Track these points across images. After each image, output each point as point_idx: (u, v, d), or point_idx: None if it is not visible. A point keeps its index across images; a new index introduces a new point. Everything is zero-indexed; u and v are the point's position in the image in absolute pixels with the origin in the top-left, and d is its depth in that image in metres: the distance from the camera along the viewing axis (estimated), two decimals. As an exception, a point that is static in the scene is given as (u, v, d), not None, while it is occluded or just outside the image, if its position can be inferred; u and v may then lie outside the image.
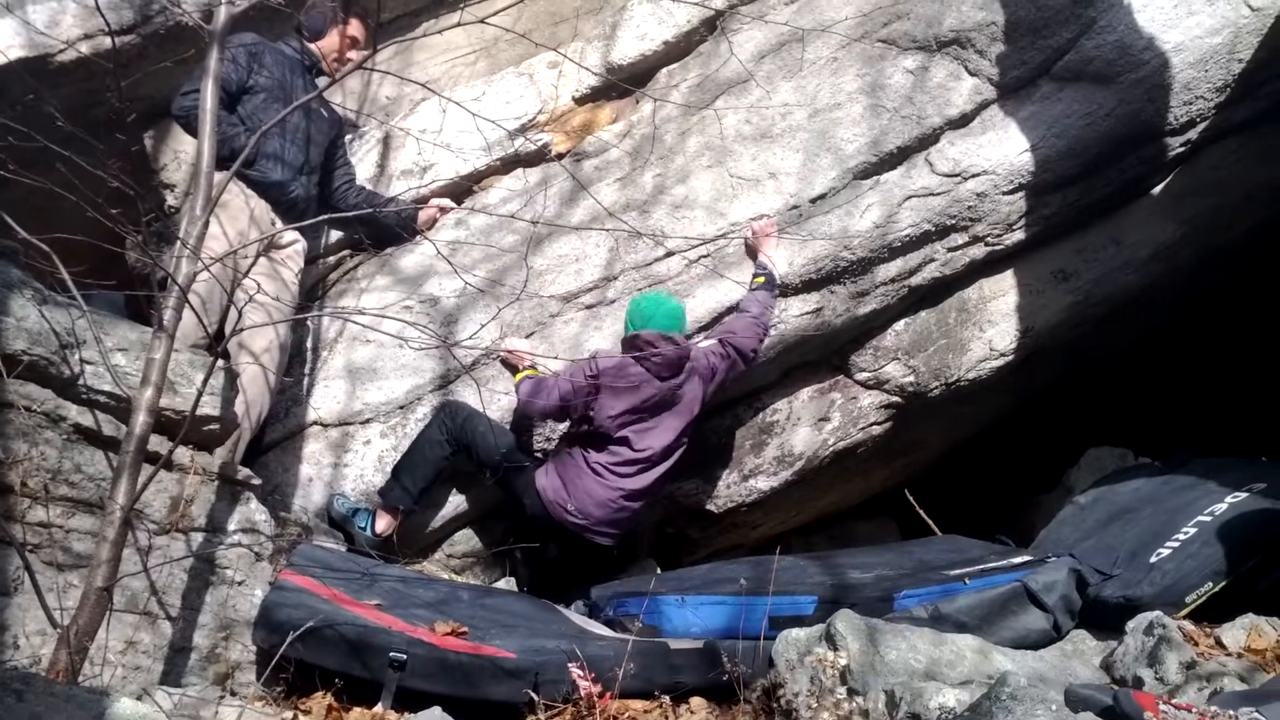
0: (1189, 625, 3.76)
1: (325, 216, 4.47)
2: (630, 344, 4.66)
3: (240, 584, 3.55)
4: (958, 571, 4.15)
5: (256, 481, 3.77)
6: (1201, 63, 5.03)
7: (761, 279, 4.87)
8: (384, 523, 4.55)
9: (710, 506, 5.24)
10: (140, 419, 2.97)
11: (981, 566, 4.19)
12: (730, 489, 5.24)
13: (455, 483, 4.80)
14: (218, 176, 3.43)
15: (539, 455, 4.84)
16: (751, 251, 4.98)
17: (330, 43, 4.91)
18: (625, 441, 4.63)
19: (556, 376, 4.61)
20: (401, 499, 4.53)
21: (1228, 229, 5.54)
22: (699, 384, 4.71)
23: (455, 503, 4.84)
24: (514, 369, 4.77)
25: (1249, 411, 6.13)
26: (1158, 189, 5.37)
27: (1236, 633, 3.68)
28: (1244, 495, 4.21)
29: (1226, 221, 5.51)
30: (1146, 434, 5.85)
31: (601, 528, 4.64)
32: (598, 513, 4.60)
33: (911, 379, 5.28)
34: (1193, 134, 5.22)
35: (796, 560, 4.55)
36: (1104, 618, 3.92)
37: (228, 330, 3.88)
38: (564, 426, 4.83)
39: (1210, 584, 3.90)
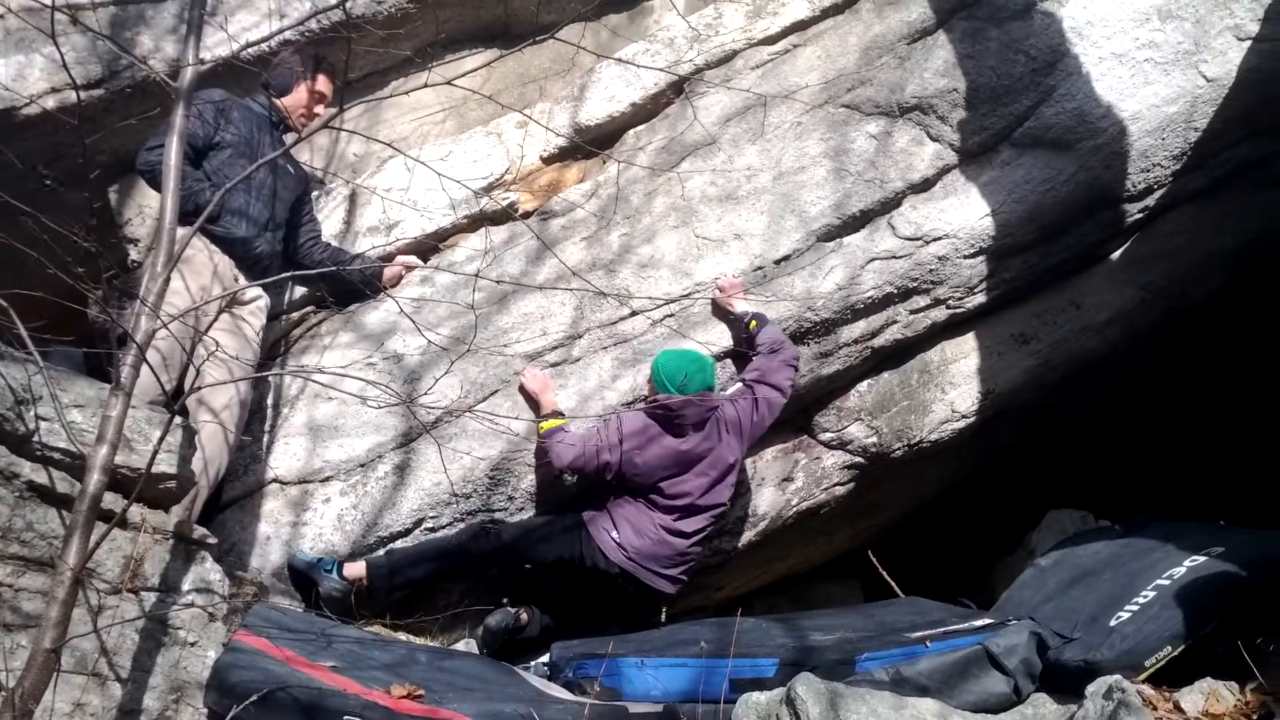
0: (1148, 689, 3.76)
1: (289, 274, 4.46)
2: (654, 407, 4.70)
3: (193, 645, 3.49)
4: (919, 634, 4.13)
5: (212, 540, 3.72)
6: (1158, 131, 5.14)
7: (754, 322, 4.89)
8: (353, 570, 4.50)
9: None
10: (94, 477, 2.93)
11: (943, 629, 4.17)
12: (694, 550, 5.21)
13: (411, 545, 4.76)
14: (181, 232, 3.42)
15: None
16: (719, 311, 5.01)
17: (297, 99, 4.93)
18: (660, 491, 4.67)
19: (593, 433, 4.65)
20: (381, 582, 4.50)
21: (1184, 294, 5.63)
22: (729, 435, 4.72)
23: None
24: (533, 401, 4.79)
25: (1209, 475, 6.18)
26: (1116, 254, 5.46)
27: (1195, 697, 3.69)
28: (1202, 559, 4.22)
29: (1183, 287, 5.61)
30: (1107, 496, 5.89)
31: (648, 563, 4.65)
32: (639, 543, 4.62)
33: (874, 440, 5.30)
34: (1150, 201, 5.32)
35: (759, 622, 4.52)
36: (1064, 681, 3.90)
37: (188, 387, 3.86)
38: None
39: (1169, 648, 3.89)
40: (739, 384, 4.87)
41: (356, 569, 4.50)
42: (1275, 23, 5.13)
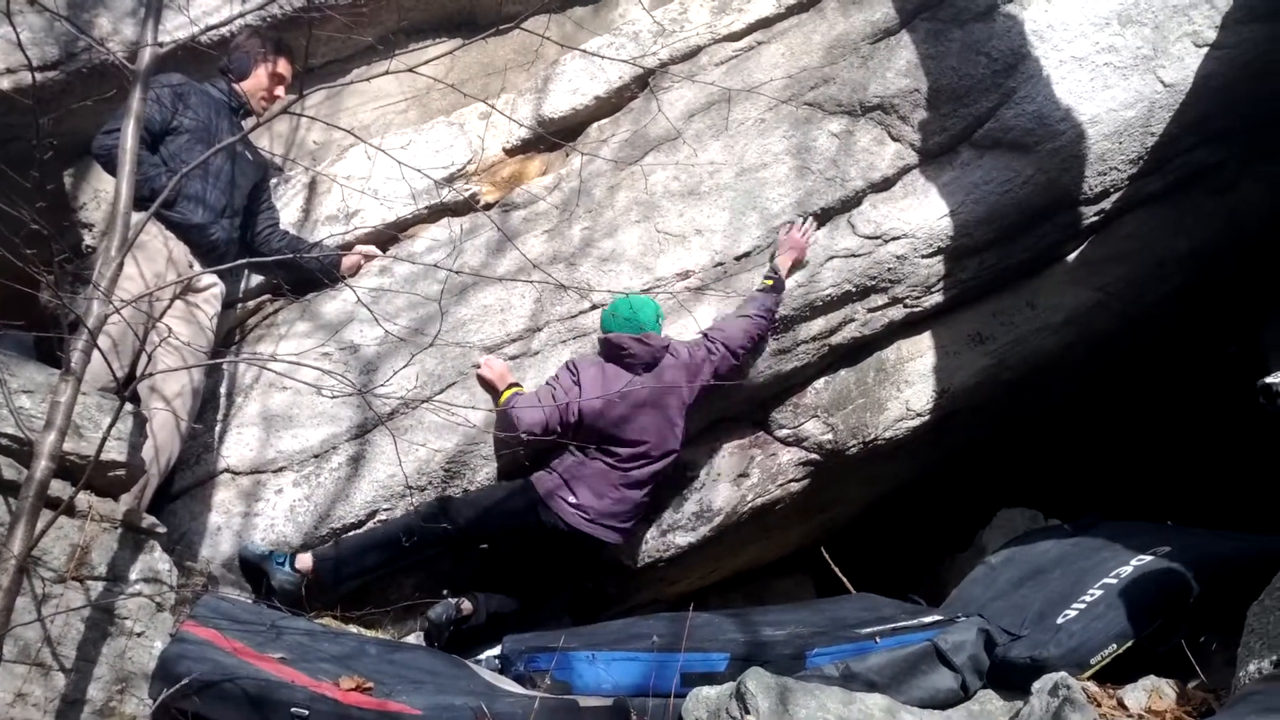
0: (1093, 686, 3.82)
1: (244, 260, 4.43)
2: (606, 348, 4.78)
3: (139, 635, 3.46)
4: (869, 630, 4.17)
5: (161, 530, 3.69)
6: (1116, 135, 5.20)
7: (769, 282, 4.95)
8: (305, 562, 4.46)
9: (628, 562, 5.21)
10: (42, 464, 2.90)
11: (893, 625, 4.21)
12: (648, 544, 5.21)
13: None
14: (136, 217, 3.39)
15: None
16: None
17: (256, 82, 4.88)
18: (617, 438, 4.68)
19: (547, 388, 4.70)
20: (328, 575, 4.47)
21: (1139, 297, 5.68)
22: (681, 374, 4.75)
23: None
24: (493, 390, 4.78)
25: (1157, 476, 6.26)
26: (1072, 256, 5.51)
27: (1138, 694, 3.75)
28: (1149, 559, 4.28)
29: (1138, 289, 5.66)
30: (1058, 496, 5.95)
31: (604, 521, 4.68)
32: (599, 505, 4.65)
33: (830, 437, 5.32)
34: (1107, 204, 5.37)
35: (711, 617, 4.53)
36: (1011, 678, 3.95)
37: (140, 374, 3.82)
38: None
39: (1114, 646, 3.95)
40: (699, 335, 4.90)
41: (307, 561, 4.48)
42: (1232, 30, 5.19)
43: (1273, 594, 3.44)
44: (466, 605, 4.59)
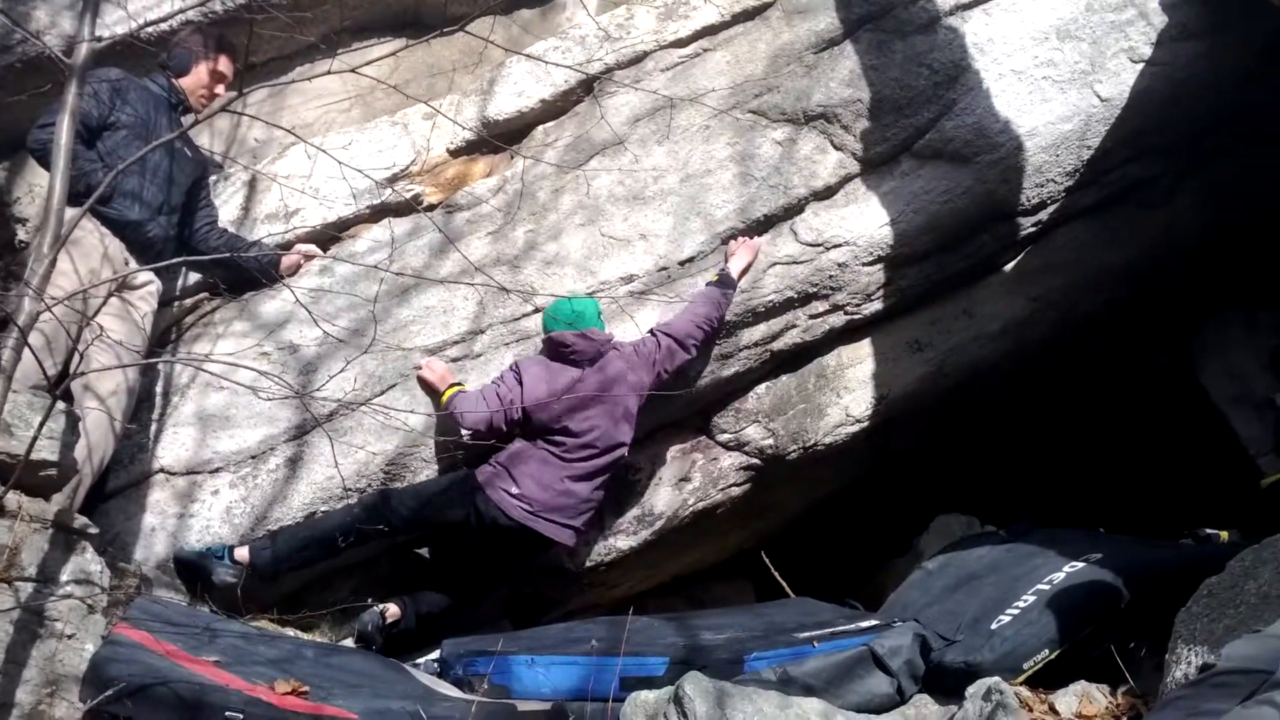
0: (1025, 691, 3.88)
1: (181, 259, 4.37)
2: (548, 347, 4.78)
3: (70, 638, 3.39)
4: (807, 634, 4.19)
5: (94, 530, 3.62)
6: (1053, 147, 5.28)
7: (716, 277, 4.98)
8: (243, 554, 4.41)
9: (568, 565, 5.21)
10: (-32, 463, 2.85)
11: (830, 630, 4.24)
12: (589, 548, 5.22)
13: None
14: (70, 213, 3.34)
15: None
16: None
17: (197, 79, 4.82)
18: (563, 429, 4.66)
19: (492, 387, 4.67)
20: (267, 565, 4.40)
21: (1074, 307, 5.78)
22: (624, 367, 4.75)
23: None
24: (434, 392, 4.74)
25: (1091, 484, 6.37)
26: (1009, 266, 5.59)
27: (1069, 699, 3.81)
28: (1081, 565, 4.35)
29: (1073, 300, 5.76)
30: (993, 502, 6.04)
31: (549, 515, 4.62)
32: (543, 496, 4.59)
33: (771, 442, 5.36)
34: (1043, 215, 5.46)
35: (651, 621, 4.55)
36: (946, 682, 3.99)
37: (73, 372, 3.75)
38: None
39: (1047, 651, 4.02)
40: (648, 333, 4.90)
41: (245, 553, 4.41)
42: (1167, 47, 5.30)
43: (1199, 601, 3.51)
44: (393, 610, 4.55)
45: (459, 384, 4.74)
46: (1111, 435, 6.56)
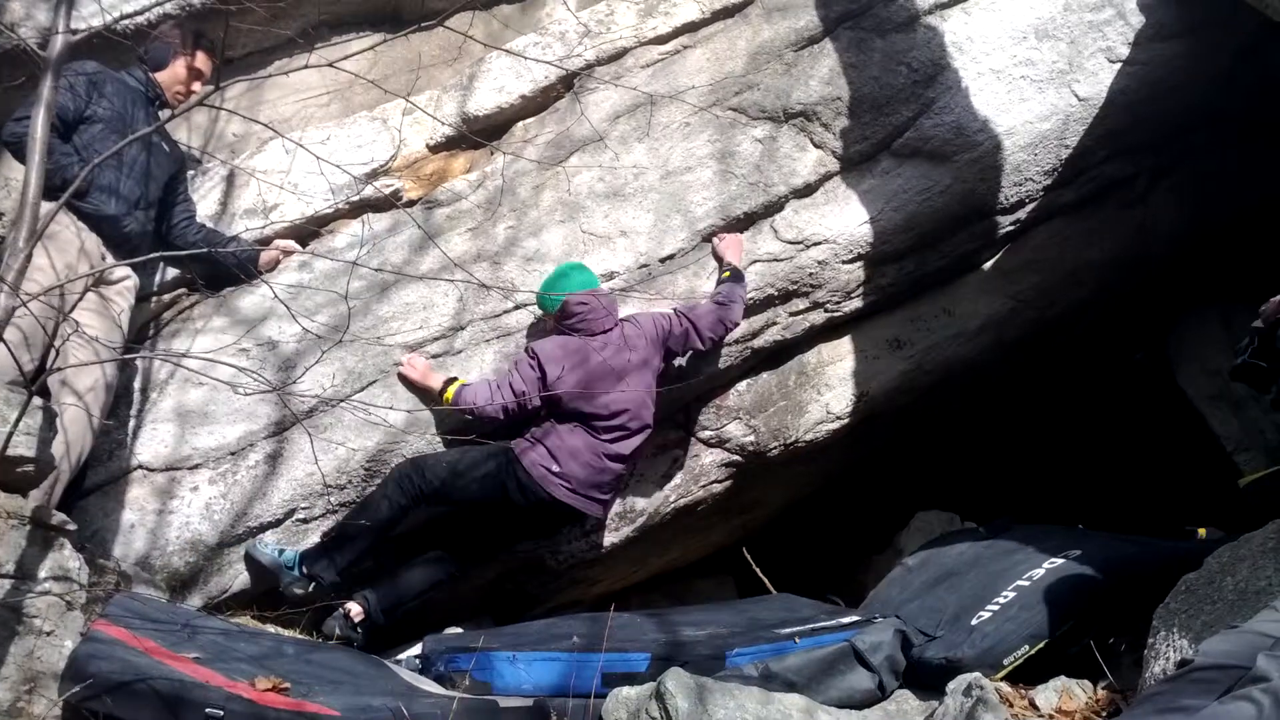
0: (1005, 687, 3.89)
1: (159, 254, 4.33)
2: (560, 318, 4.71)
3: (49, 634, 3.36)
4: (788, 630, 4.21)
5: (72, 527, 3.59)
6: (1031, 146, 5.31)
7: (727, 274, 4.96)
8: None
9: (550, 562, 5.21)
10: (-55, 459, 2.82)
11: (811, 626, 4.26)
12: (571, 544, 5.22)
13: (282, 535, 4.66)
14: (46, 207, 3.30)
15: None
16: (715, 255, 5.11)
17: (174, 73, 4.78)
18: (597, 414, 4.64)
19: (505, 377, 4.64)
20: (325, 571, 4.41)
21: (1052, 305, 5.82)
22: (649, 346, 4.74)
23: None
24: (416, 389, 4.74)
25: (1070, 481, 6.41)
26: (988, 264, 5.63)
27: (1049, 694, 3.83)
28: (1060, 561, 4.38)
29: (1051, 298, 5.80)
30: (973, 499, 6.07)
31: (587, 491, 4.64)
32: (583, 474, 4.60)
33: (752, 439, 5.37)
34: (1022, 214, 5.50)
35: (633, 617, 4.54)
36: (927, 678, 4.02)
37: (50, 367, 3.72)
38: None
39: (1027, 647, 4.04)
40: (670, 310, 4.88)
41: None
42: (1144, 47, 5.34)
43: (1178, 597, 3.54)
44: (356, 610, 4.52)
45: (455, 378, 4.70)
46: (1090, 432, 6.61)
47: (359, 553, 4.50)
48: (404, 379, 4.77)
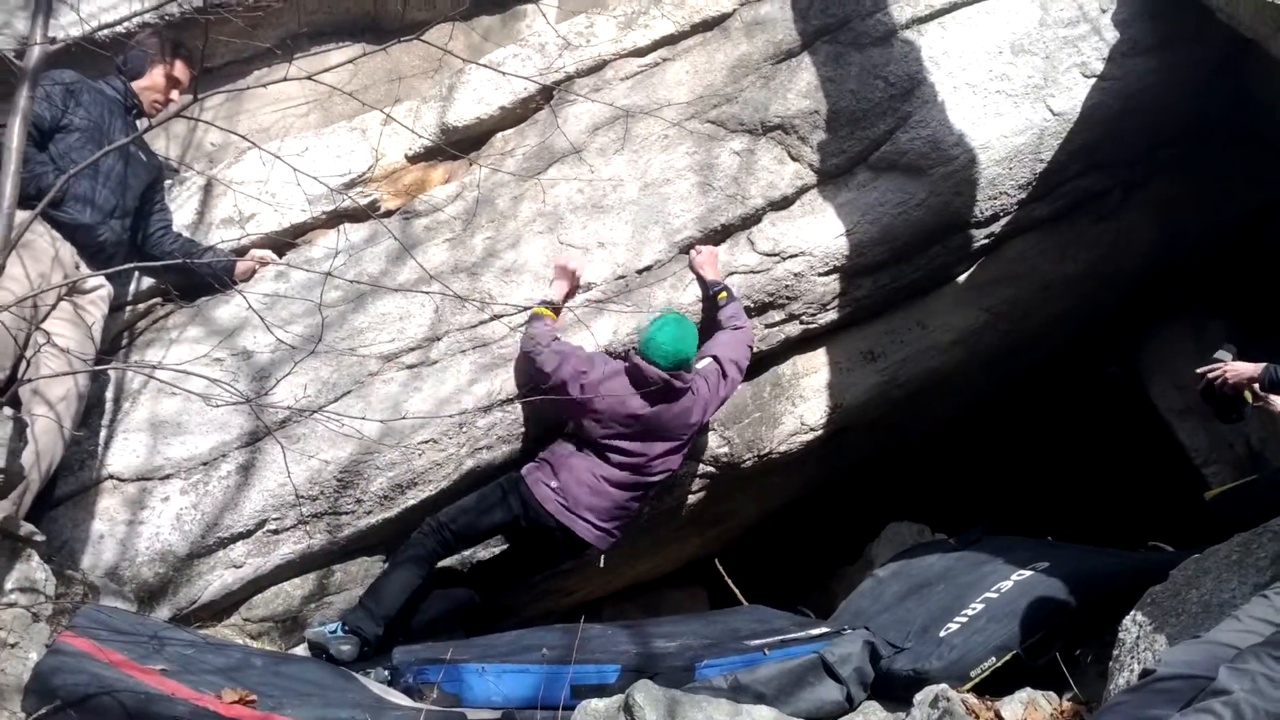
0: (972, 698, 3.92)
1: (134, 264, 4.33)
2: (634, 367, 4.70)
3: (14, 647, 3.36)
4: (759, 642, 4.23)
5: (40, 537, 3.60)
6: (1007, 160, 5.35)
7: (724, 294, 5.01)
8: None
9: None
10: (-88, 470, 2.82)
11: (782, 637, 4.28)
12: (544, 555, 5.22)
13: (253, 546, 4.67)
14: (21, 216, 3.31)
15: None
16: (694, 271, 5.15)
17: (152, 82, 4.77)
18: (615, 449, 4.69)
19: (574, 357, 4.68)
20: (364, 623, 4.42)
21: (1025, 318, 5.86)
22: (696, 409, 4.78)
23: (255, 564, 4.64)
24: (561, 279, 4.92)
25: (1041, 493, 6.45)
26: (963, 277, 5.67)
27: (1015, 706, 3.85)
28: (1029, 574, 4.41)
29: (1025, 311, 5.83)
30: (945, 511, 6.10)
31: (583, 513, 4.65)
32: (578, 491, 4.63)
33: (726, 450, 5.38)
34: (996, 227, 5.53)
35: (605, 628, 4.57)
36: (895, 689, 4.05)
37: (21, 377, 3.72)
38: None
39: (994, 658, 4.08)
40: (710, 359, 4.89)
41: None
42: (1118, 63, 5.39)
43: (1143, 609, 3.59)
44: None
45: (553, 303, 4.83)
46: (1062, 445, 6.65)
47: (397, 606, 4.51)
48: (559, 268, 4.94)
